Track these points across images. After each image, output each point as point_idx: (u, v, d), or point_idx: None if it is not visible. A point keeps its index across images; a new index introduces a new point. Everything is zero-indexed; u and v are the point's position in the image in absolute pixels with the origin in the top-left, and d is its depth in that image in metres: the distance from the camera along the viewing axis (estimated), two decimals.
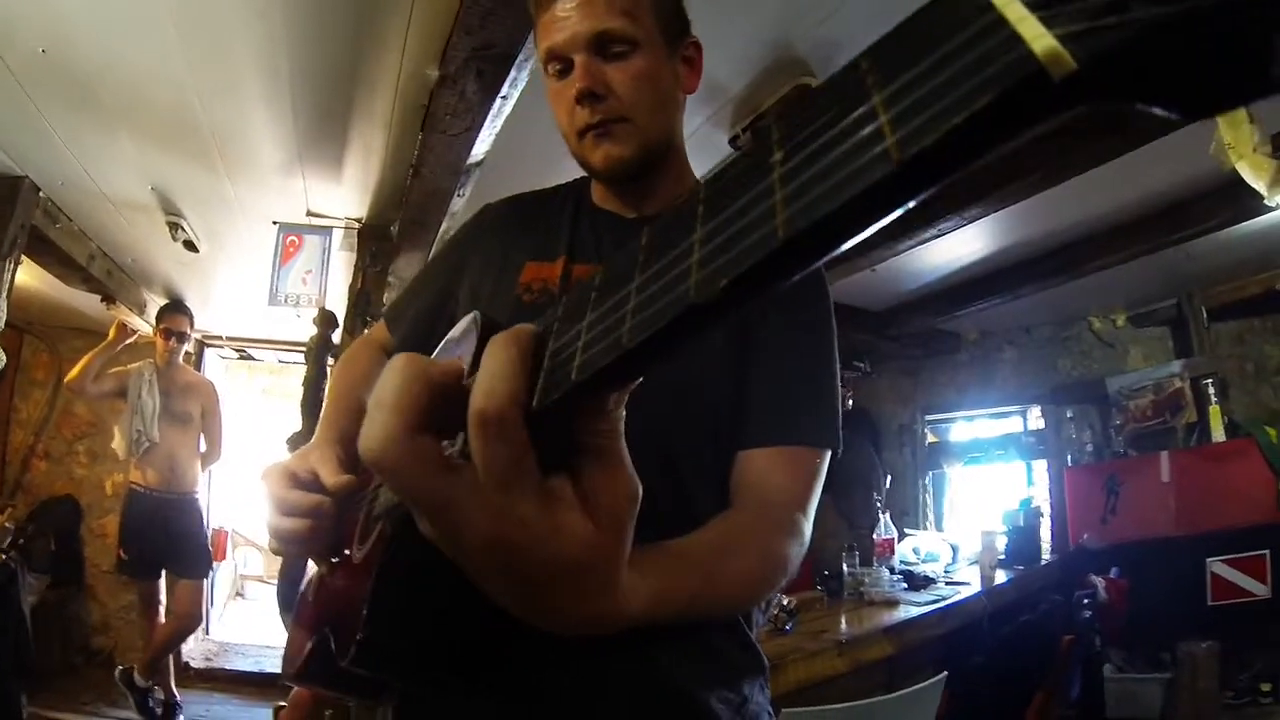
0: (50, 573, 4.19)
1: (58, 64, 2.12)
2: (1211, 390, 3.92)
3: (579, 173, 0.96)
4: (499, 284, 0.89)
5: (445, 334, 1.00)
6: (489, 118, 1.99)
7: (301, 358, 5.19)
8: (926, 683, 2.08)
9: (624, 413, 0.38)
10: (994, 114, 0.19)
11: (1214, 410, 3.91)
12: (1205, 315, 4.06)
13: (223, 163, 2.63)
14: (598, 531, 0.38)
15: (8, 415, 4.80)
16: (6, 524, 3.92)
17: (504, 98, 1.94)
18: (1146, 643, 3.85)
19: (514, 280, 0.88)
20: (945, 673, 2.15)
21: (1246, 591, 3.61)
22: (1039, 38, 0.18)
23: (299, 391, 2.83)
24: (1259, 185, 2.33)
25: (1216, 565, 3.68)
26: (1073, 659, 3.26)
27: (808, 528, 0.79)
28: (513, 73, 1.81)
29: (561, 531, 0.37)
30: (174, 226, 2.99)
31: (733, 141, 2.41)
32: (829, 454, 0.84)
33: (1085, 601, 3.45)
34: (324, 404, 0.99)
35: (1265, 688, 3.59)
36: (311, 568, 0.89)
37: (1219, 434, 3.89)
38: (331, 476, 0.72)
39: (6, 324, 4.69)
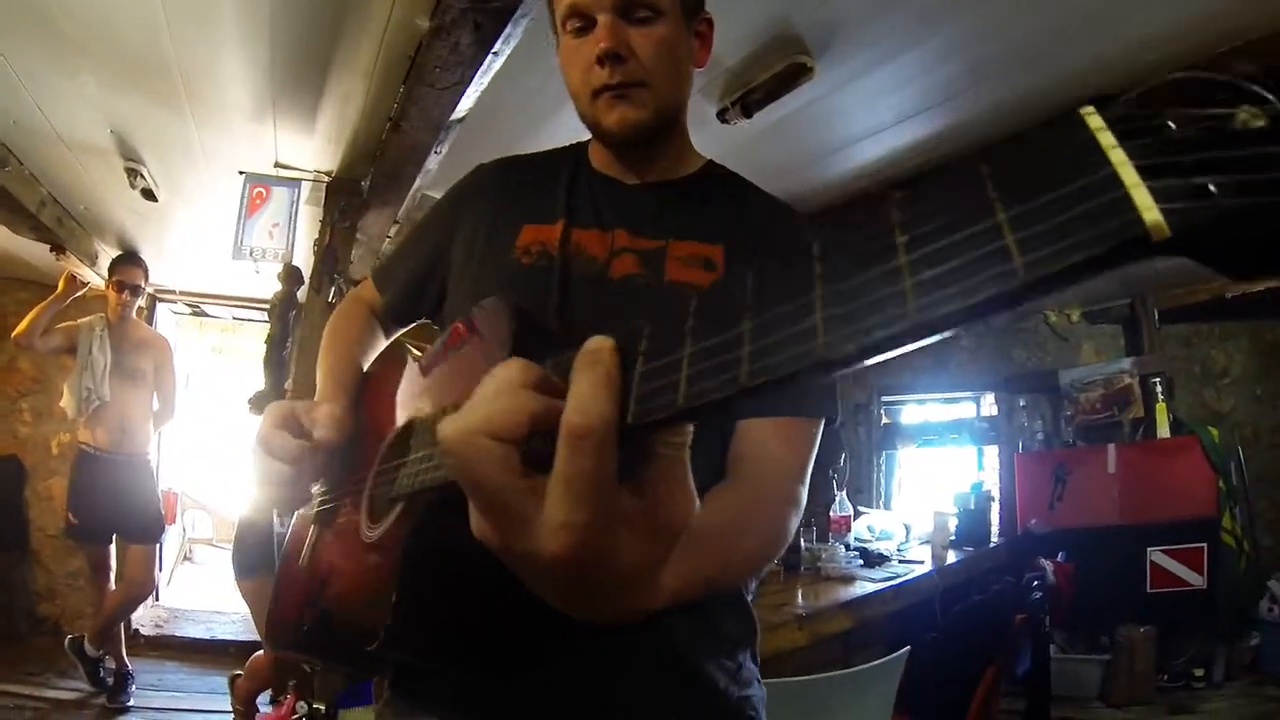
0: None
1: None
2: (1159, 388, 3.99)
3: (559, 138, 0.94)
4: (494, 245, 0.86)
5: (432, 294, 0.96)
6: (479, 73, 1.86)
7: (256, 315, 5.06)
8: (891, 656, 2.08)
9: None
10: (1103, 256, 0.22)
11: (1160, 407, 3.97)
12: (1157, 316, 4.13)
13: (190, 106, 2.42)
14: (656, 545, 0.40)
15: None
16: None
17: (495, 54, 1.81)
18: (1087, 625, 3.94)
19: (510, 242, 0.84)
20: (908, 647, 2.15)
21: (1184, 581, 3.71)
22: (1148, 209, 0.22)
23: (251, 349, 2.66)
24: None
25: (1156, 555, 3.77)
26: (1023, 637, 3.29)
27: (804, 497, 0.79)
28: (509, 28, 1.68)
29: (623, 548, 0.38)
30: (133, 173, 2.77)
31: (721, 114, 2.30)
32: (824, 422, 0.84)
33: (1035, 583, 3.48)
34: (322, 359, 0.95)
35: (1198, 673, 3.71)
36: (300, 534, 0.87)
37: (1164, 430, 3.97)
38: (326, 431, 0.73)
39: None
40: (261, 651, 2.87)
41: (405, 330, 1.06)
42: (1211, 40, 1.99)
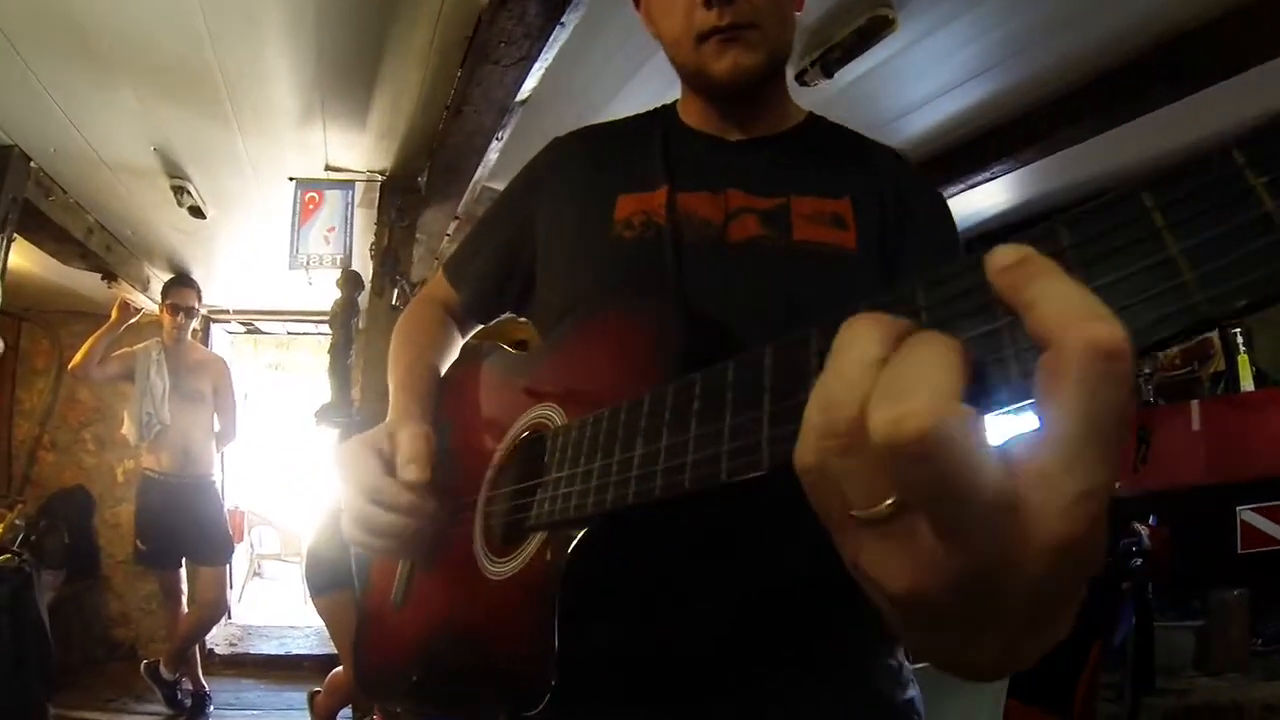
0: (65, 567, 3.80)
1: (49, 11, 1.74)
2: (1239, 340, 3.72)
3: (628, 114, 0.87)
4: (588, 222, 0.77)
5: (516, 283, 0.87)
6: (546, 47, 1.66)
7: (310, 328, 4.93)
8: None
9: None
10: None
11: (1242, 359, 3.72)
12: None
13: (235, 115, 2.25)
14: None
15: (10, 408, 4.37)
16: (17, 521, 3.53)
17: (563, 24, 1.61)
18: (1178, 591, 3.69)
19: (607, 217, 0.75)
20: None
21: (1276, 540, 3.45)
22: None
23: (307, 363, 2.49)
24: None
25: (1247, 514, 3.51)
26: (1125, 608, 3.06)
27: None
28: None
29: None
30: (179, 190, 2.61)
31: (800, 76, 2.09)
32: None
33: (1133, 549, 3.24)
34: (393, 369, 0.86)
35: None
36: (384, 568, 0.79)
37: (1247, 383, 3.72)
38: (422, 469, 0.67)
39: (3, 312, 4.35)
40: (341, 668, 2.73)
41: (486, 327, 0.97)
42: None
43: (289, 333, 4.94)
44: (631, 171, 0.78)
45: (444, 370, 0.88)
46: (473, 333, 0.97)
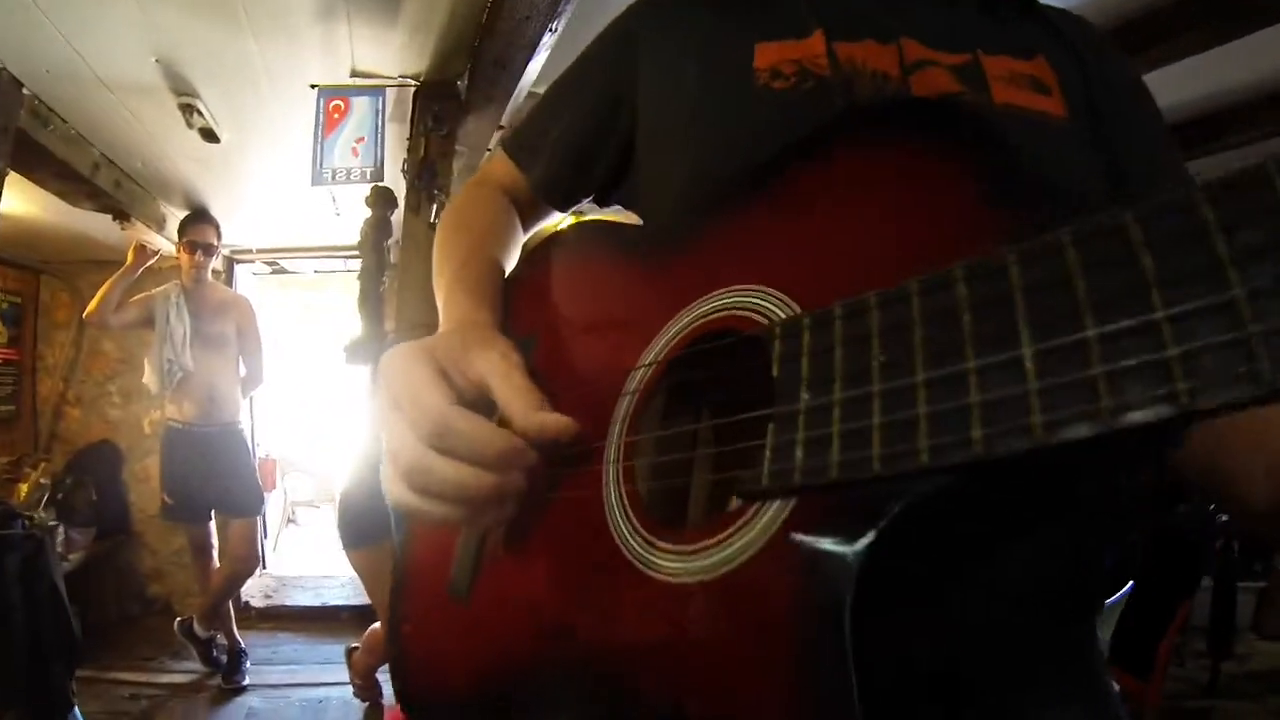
0: (95, 524, 3.61)
1: None
2: None
3: None
4: (718, 74, 0.60)
5: (606, 159, 0.70)
6: None
7: (339, 265, 4.59)
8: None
9: None
10: None
11: None
12: None
13: (246, 14, 1.93)
14: None
15: (33, 364, 4.16)
16: (42, 480, 3.33)
17: None
18: (1244, 552, 3.44)
19: (745, 66, 0.59)
20: (1131, 583, 1.90)
21: None
22: None
23: (338, 303, 2.21)
24: None
25: None
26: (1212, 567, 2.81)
27: None
28: None
29: None
30: (188, 110, 2.30)
31: None
32: None
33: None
34: (440, 268, 0.68)
35: None
36: (436, 541, 0.61)
37: None
38: (532, 400, 0.47)
39: (20, 266, 4.13)
40: (379, 624, 2.54)
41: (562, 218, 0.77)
42: None
43: (317, 271, 4.63)
44: (768, 16, 0.62)
45: (509, 270, 0.69)
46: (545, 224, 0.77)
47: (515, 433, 0.46)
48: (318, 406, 5.64)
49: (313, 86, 2.10)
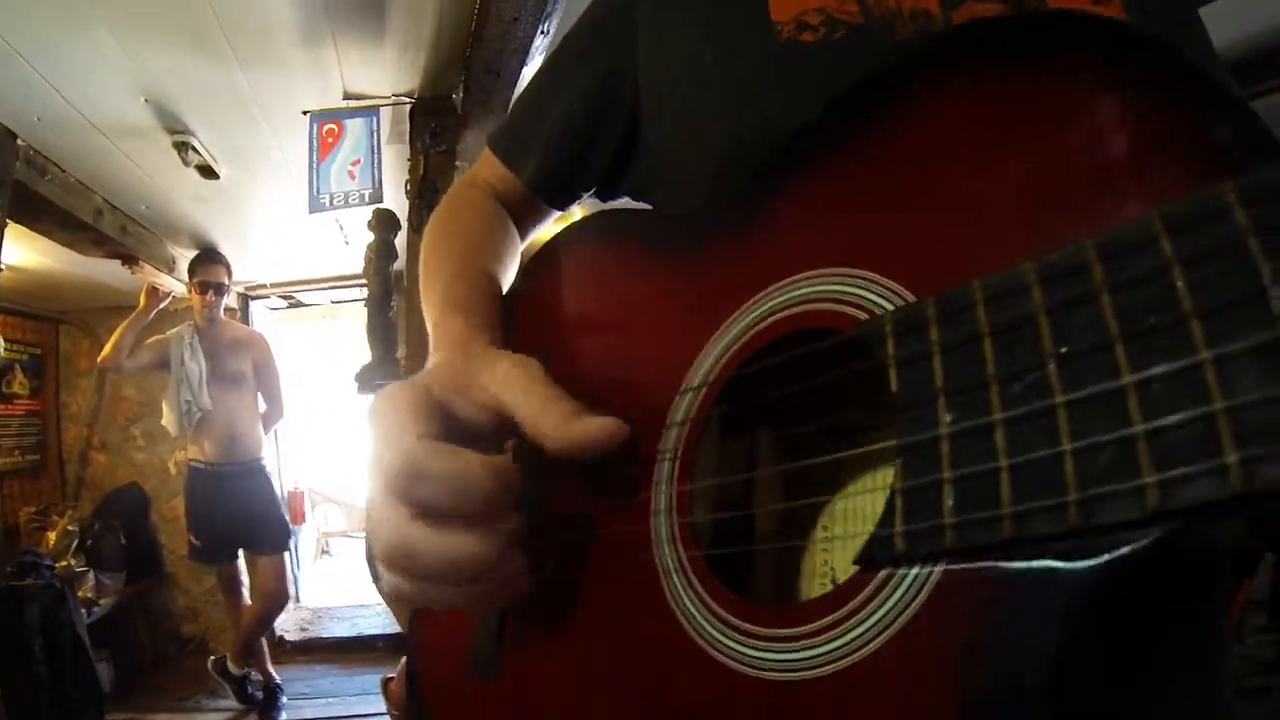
0: (125, 568, 3.51)
1: None
2: None
3: None
4: (735, 30, 0.49)
5: (605, 147, 0.59)
6: None
7: (355, 294, 4.53)
8: None
9: None
10: None
11: None
12: None
13: (229, 44, 1.83)
14: None
15: (57, 413, 4.10)
16: (70, 527, 3.25)
17: None
18: None
19: (763, 19, 0.47)
20: None
21: None
22: None
23: (356, 332, 2.10)
24: None
25: None
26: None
27: None
28: None
29: None
30: (183, 147, 2.20)
31: None
32: None
33: None
34: (429, 284, 0.56)
35: None
36: (453, 621, 0.48)
37: None
38: (569, 413, 0.37)
39: (39, 318, 4.08)
40: None
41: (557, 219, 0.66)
42: None
43: (333, 302, 4.52)
44: None
45: (506, 283, 0.58)
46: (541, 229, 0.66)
47: (553, 453, 0.36)
48: (343, 437, 5.57)
49: (305, 113, 1.99)
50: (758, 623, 0.29)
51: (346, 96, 1.97)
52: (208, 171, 2.33)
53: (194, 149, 2.22)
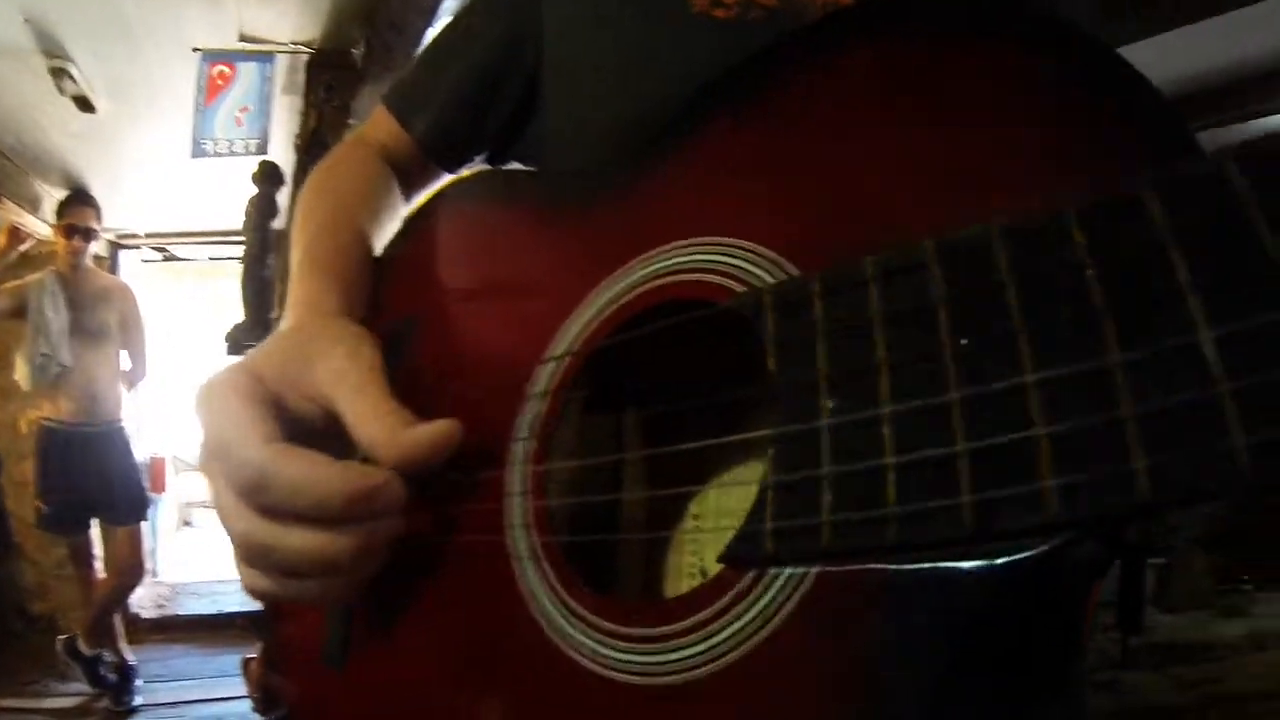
0: None
1: None
2: None
3: None
4: (643, 2, 0.49)
5: (504, 108, 0.58)
6: None
7: (235, 252, 4.27)
8: None
9: None
10: None
11: None
12: None
13: None
14: None
15: None
16: None
17: None
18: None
19: None
20: None
21: None
22: None
23: (232, 295, 1.98)
24: None
25: None
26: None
27: None
28: None
29: None
30: (60, 74, 2.04)
31: None
32: None
33: None
34: (297, 239, 0.53)
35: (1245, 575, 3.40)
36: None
37: None
38: (397, 425, 0.33)
39: None
40: None
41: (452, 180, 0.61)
42: None
43: (210, 259, 4.22)
44: None
45: (381, 241, 0.55)
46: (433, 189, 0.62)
47: (386, 465, 0.33)
48: None
49: (195, 50, 1.88)
50: (614, 619, 0.27)
51: (242, 39, 1.88)
52: (85, 104, 2.16)
53: (71, 77, 2.06)
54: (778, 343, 0.24)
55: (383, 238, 0.57)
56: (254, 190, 1.89)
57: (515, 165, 0.61)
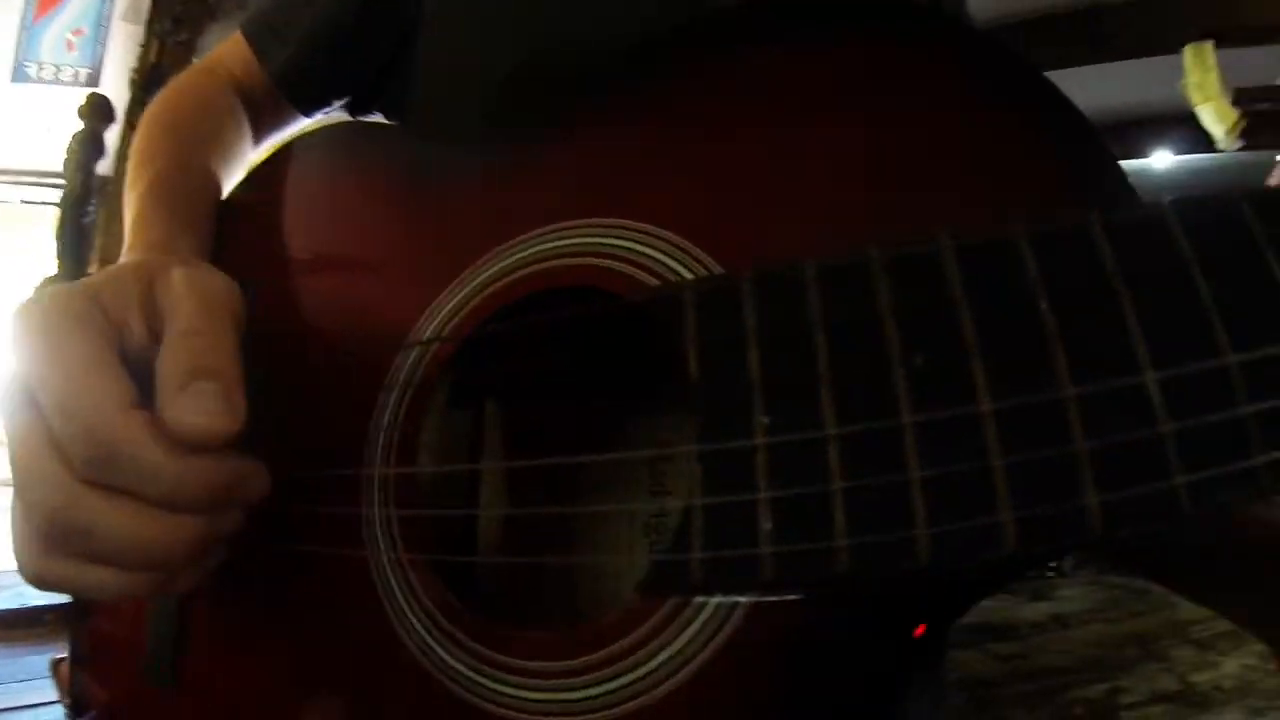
0: None
1: None
2: None
3: None
4: None
5: (378, 50, 0.53)
6: None
7: (54, 196, 3.78)
8: None
9: None
10: None
11: None
12: None
13: None
14: None
15: None
16: None
17: None
18: None
19: None
20: None
21: None
22: None
23: (49, 245, 1.71)
24: (1217, 131, 2.25)
25: None
26: None
27: None
28: None
29: None
30: None
31: None
32: None
33: None
34: (135, 177, 0.47)
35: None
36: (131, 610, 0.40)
37: None
38: (229, 389, 0.26)
39: None
40: None
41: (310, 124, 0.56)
42: None
43: (23, 202, 3.71)
44: None
45: (229, 186, 0.49)
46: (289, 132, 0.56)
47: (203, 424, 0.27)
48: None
49: None
50: (500, 650, 0.25)
51: None
52: None
53: None
54: (702, 347, 0.21)
55: (231, 179, 0.51)
56: (79, 125, 1.65)
57: (378, 118, 0.57)
